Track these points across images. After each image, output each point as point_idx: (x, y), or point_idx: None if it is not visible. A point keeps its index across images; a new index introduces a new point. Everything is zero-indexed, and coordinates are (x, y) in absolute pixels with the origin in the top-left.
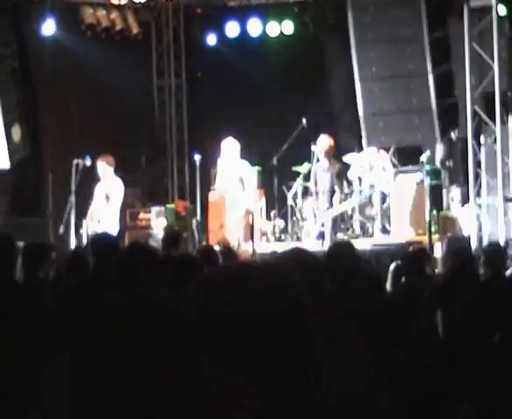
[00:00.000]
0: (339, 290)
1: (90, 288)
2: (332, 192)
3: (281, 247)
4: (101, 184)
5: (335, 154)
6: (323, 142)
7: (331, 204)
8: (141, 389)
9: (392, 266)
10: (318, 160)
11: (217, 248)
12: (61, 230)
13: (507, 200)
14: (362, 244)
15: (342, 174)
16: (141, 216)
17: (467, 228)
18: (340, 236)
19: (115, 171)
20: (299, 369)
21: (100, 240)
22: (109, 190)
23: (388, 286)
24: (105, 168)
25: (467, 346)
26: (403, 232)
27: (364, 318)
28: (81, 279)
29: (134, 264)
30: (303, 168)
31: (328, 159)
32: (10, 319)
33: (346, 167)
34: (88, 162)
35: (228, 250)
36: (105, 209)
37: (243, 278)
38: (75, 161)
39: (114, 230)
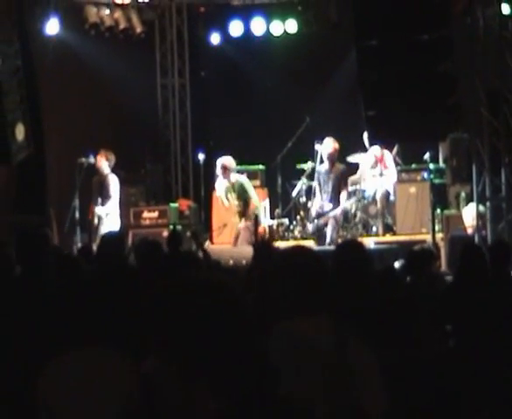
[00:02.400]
0: (343, 290)
1: (95, 288)
2: (335, 194)
3: (284, 245)
4: (96, 178)
5: (339, 156)
6: (328, 145)
7: (334, 206)
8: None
9: (397, 265)
10: (322, 161)
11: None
12: (66, 228)
13: None
14: (365, 243)
15: (346, 175)
16: (145, 214)
17: (471, 227)
18: (342, 234)
19: (117, 169)
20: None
21: (107, 241)
22: (105, 188)
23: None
24: (101, 163)
25: (477, 346)
26: (407, 231)
27: (367, 318)
28: (85, 279)
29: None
30: (307, 166)
31: (331, 162)
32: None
33: (351, 166)
34: (92, 161)
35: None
36: (104, 209)
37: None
38: (79, 160)
39: (114, 226)
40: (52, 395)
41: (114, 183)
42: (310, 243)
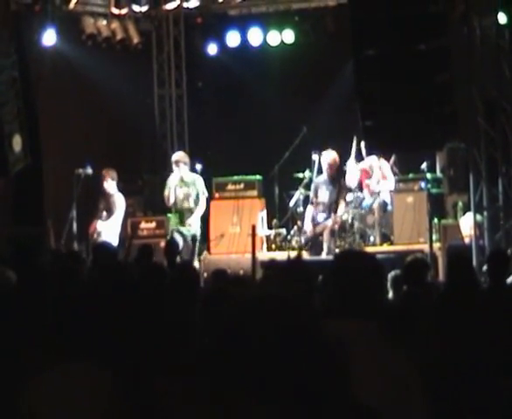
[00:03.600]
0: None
1: (88, 299)
2: (330, 205)
3: (281, 256)
4: (102, 198)
5: (338, 168)
6: (328, 158)
7: (327, 216)
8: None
9: (392, 275)
10: (320, 172)
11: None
12: (63, 239)
13: None
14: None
15: (344, 188)
16: (143, 225)
17: (469, 236)
18: (340, 244)
19: (117, 183)
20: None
21: (102, 249)
22: (111, 205)
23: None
24: (108, 184)
25: (468, 355)
26: (404, 240)
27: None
28: (80, 289)
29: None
30: (304, 176)
31: (330, 174)
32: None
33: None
34: (90, 171)
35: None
36: (106, 224)
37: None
38: (77, 171)
39: (113, 240)
40: (36, 409)
41: (120, 203)
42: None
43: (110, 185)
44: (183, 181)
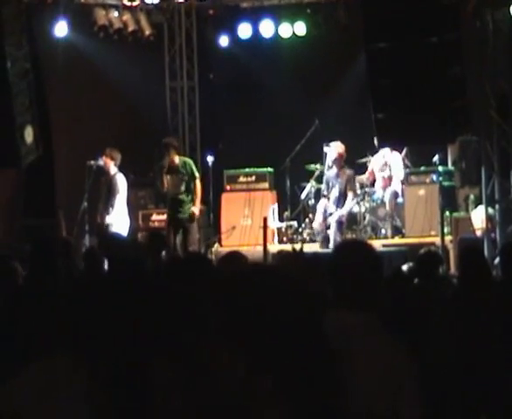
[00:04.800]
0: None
1: (100, 289)
2: (341, 198)
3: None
4: (103, 179)
5: (346, 160)
6: (334, 149)
7: (338, 208)
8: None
9: (404, 268)
10: (329, 166)
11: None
12: (75, 231)
13: None
14: (373, 245)
15: (353, 179)
16: (154, 217)
17: (480, 229)
18: (351, 237)
19: (126, 172)
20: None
21: (110, 242)
22: (111, 186)
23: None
24: (107, 163)
25: (481, 349)
26: (415, 233)
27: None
28: (90, 280)
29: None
30: (316, 168)
31: (337, 166)
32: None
33: (360, 169)
34: (101, 163)
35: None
36: (109, 216)
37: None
38: (88, 163)
39: (124, 227)
40: (20, 404)
41: (121, 183)
42: (317, 247)
43: (110, 164)
44: (174, 166)
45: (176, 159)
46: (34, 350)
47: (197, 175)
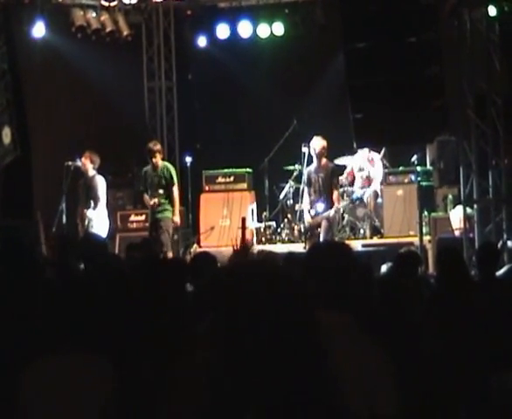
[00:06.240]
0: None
1: (79, 290)
2: (326, 193)
3: (273, 249)
4: (82, 181)
5: (328, 154)
6: (316, 143)
7: (326, 205)
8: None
9: (383, 268)
10: (310, 162)
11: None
12: (53, 232)
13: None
14: (352, 246)
15: (336, 173)
16: (132, 218)
17: (459, 229)
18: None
19: (104, 172)
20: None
21: (89, 242)
22: (90, 188)
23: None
24: (86, 165)
25: (459, 349)
26: (394, 233)
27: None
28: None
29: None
30: (295, 168)
31: (320, 159)
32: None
33: (339, 168)
34: (79, 164)
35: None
36: (90, 210)
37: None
38: (66, 164)
39: (103, 229)
40: (30, 399)
41: (101, 184)
42: (299, 246)
43: (89, 167)
44: (156, 169)
45: (160, 163)
46: (44, 345)
47: (175, 181)
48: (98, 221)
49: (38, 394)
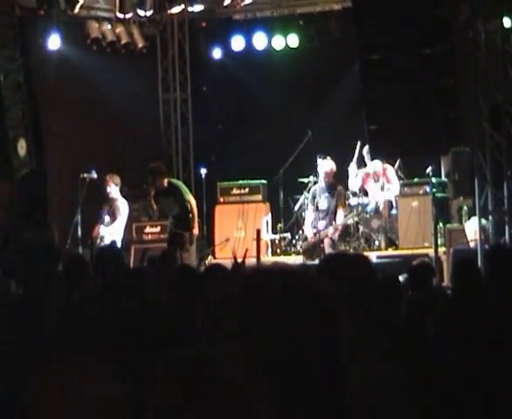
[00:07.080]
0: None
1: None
2: (329, 213)
3: (286, 260)
4: (107, 205)
5: (336, 176)
6: (325, 166)
7: (327, 223)
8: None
9: (400, 279)
10: (319, 180)
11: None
12: (68, 244)
13: None
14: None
15: (342, 194)
16: (147, 230)
17: (474, 240)
18: (345, 249)
19: (120, 188)
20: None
21: (106, 252)
22: (115, 210)
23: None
24: (111, 189)
25: (476, 361)
26: (409, 245)
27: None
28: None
29: None
30: (309, 180)
31: (327, 182)
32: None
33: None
34: (94, 176)
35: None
36: (108, 229)
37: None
38: (81, 176)
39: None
40: (37, 409)
41: (123, 207)
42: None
43: (113, 190)
44: (164, 190)
45: (165, 182)
46: (55, 351)
47: (187, 197)
48: (111, 238)
49: (43, 405)
